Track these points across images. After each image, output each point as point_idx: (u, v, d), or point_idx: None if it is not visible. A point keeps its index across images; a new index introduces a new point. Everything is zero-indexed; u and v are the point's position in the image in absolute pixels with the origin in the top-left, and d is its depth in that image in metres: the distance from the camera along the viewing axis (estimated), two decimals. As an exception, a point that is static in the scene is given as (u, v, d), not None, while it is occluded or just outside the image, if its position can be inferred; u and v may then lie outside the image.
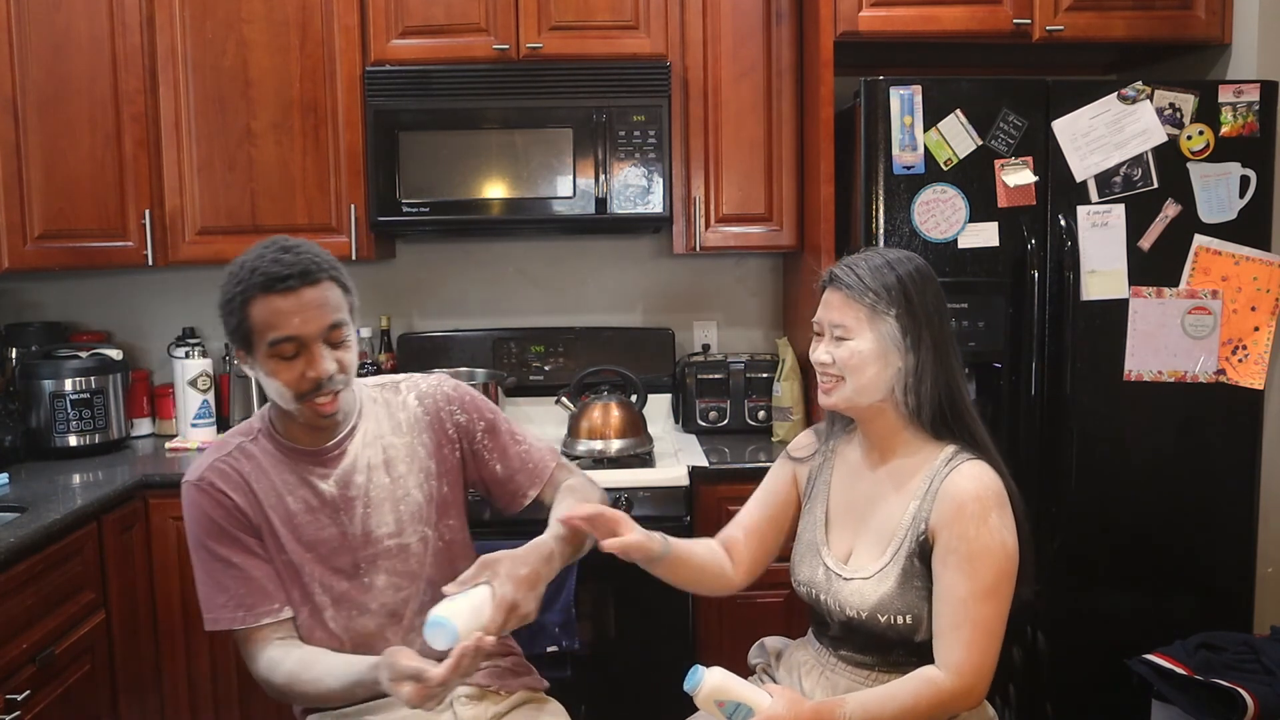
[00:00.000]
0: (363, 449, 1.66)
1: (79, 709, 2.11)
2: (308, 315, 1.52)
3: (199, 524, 1.60)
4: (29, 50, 2.57)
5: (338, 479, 1.64)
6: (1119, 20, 2.49)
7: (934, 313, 1.53)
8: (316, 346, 1.53)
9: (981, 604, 1.43)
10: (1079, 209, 2.36)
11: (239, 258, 1.58)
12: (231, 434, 1.69)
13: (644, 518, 2.40)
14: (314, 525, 1.62)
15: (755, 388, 2.84)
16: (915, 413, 1.53)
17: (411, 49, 2.67)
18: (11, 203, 2.57)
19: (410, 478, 1.68)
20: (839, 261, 1.58)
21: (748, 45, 2.70)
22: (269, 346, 1.52)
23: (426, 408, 1.72)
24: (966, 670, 1.43)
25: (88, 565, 2.18)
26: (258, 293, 1.51)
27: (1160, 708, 2.17)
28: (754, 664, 1.76)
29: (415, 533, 1.67)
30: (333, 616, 1.62)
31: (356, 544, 1.64)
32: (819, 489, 1.67)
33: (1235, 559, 2.43)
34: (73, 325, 3.04)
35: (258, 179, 2.69)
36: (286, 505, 1.61)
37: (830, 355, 1.54)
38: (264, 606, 1.59)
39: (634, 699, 2.37)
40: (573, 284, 3.10)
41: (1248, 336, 2.37)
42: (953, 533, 1.45)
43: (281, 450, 1.64)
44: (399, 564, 1.65)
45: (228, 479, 1.60)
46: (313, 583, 1.62)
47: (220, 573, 1.59)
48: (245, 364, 1.59)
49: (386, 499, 1.66)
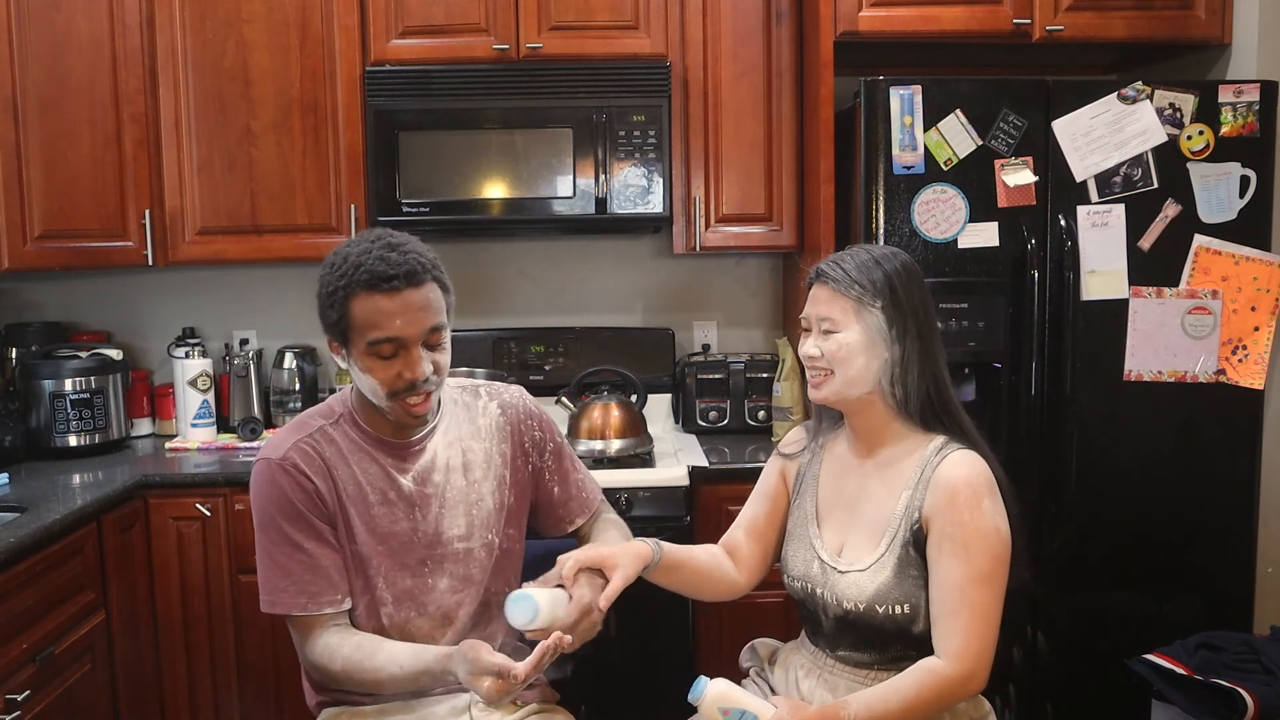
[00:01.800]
0: (443, 448, 1.66)
1: (79, 709, 2.11)
2: (410, 317, 1.52)
3: (276, 503, 1.57)
4: (29, 50, 2.57)
5: (416, 475, 1.63)
6: (1119, 20, 2.49)
7: (919, 305, 1.55)
8: (415, 349, 1.53)
9: (978, 589, 1.44)
10: (1079, 209, 2.36)
11: (340, 248, 1.56)
12: (311, 415, 1.66)
13: (644, 518, 2.42)
14: (389, 518, 1.61)
15: (755, 388, 2.84)
16: (903, 404, 1.54)
17: (411, 49, 2.67)
18: (11, 203, 2.57)
19: (485, 483, 1.68)
20: (825, 258, 1.60)
21: (748, 45, 2.70)
22: (368, 345, 1.51)
23: (509, 418, 1.73)
24: (966, 656, 1.43)
25: (88, 565, 2.18)
26: (362, 290, 1.50)
27: (1160, 708, 2.17)
28: (745, 667, 1.75)
29: (481, 539, 1.66)
30: (390, 613, 1.61)
31: (426, 542, 1.62)
32: (808, 484, 1.67)
33: (1235, 559, 2.43)
34: (73, 325, 3.04)
35: (258, 179, 2.69)
36: (365, 495, 1.60)
37: (819, 349, 1.56)
38: (328, 596, 1.57)
39: (634, 699, 2.36)
40: (573, 284, 3.10)
41: (1248, 336, 2.37)
42: (946, 519, 1.46)
43: (364, 437, 1.62)
44: (462, 568, 1.65)
45: (310, 461, 1.58)
46: (378, 576, 1.60)
47: (288, 556, 1.56)
48: (338, 355, 1.58)
49: (461, 501, 1.65)
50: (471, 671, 1.39)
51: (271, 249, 2.73)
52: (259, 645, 2.46)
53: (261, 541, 1.59)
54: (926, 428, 1.56)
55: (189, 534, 2.44)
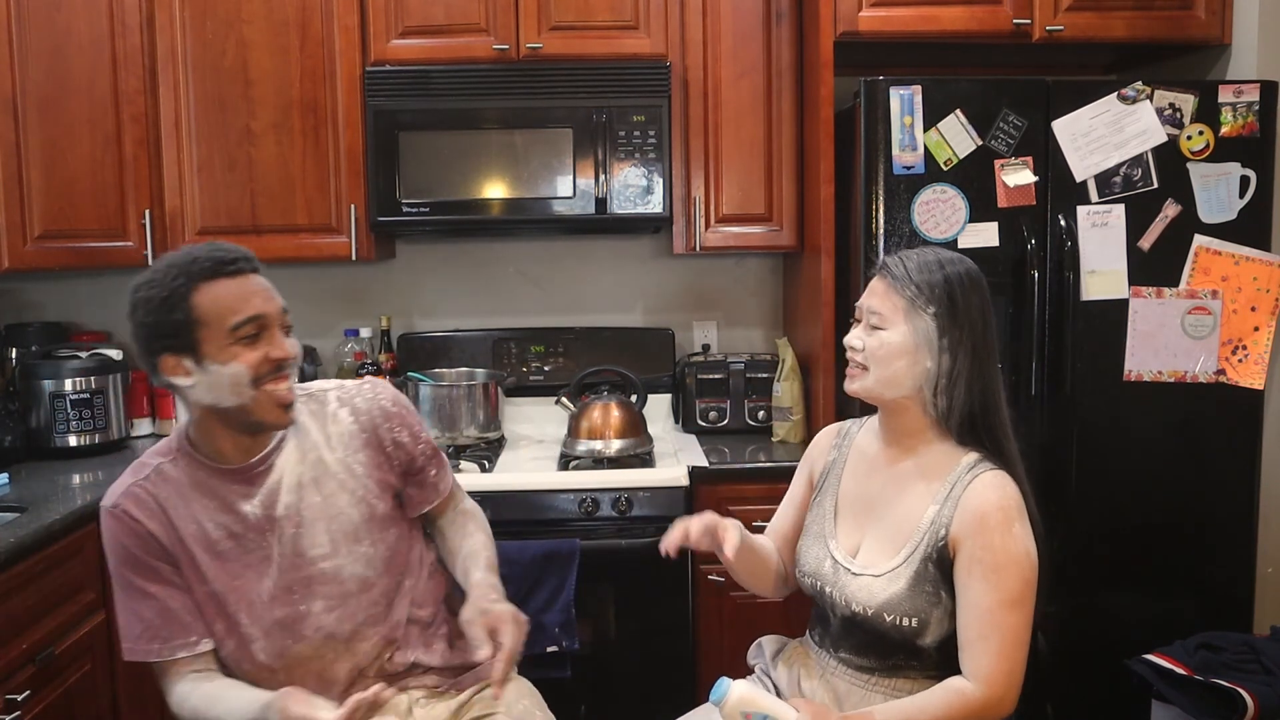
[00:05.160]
0: (292, 465, 1.58)
1: (79, 709, 2.11)
2: (264, 296, 1.50)
3: (115, 553, 1.53)
4: (29, 50, 2.57)
5: (262, 499, 1.55)
6: (1119, 20, 2.49)
7: (977, 317, 1.51)
8: (276, 328, 1.50)
9: (1008, 613, 1.43)
10: (1079, 209, 2.36)
11: (155, 265, 1.50)
12: (150, 454, 1.59)
13: (644, 518, 2.42)
14: (238, 550, 1.54)
15: (755, 388, 2.84)
16: (944, 416, 1.52)
17: (411, 49, 2.67)
18: (11, 203, 2.57)
19: (341, 496, 1.59)
20: (894, 252, 1.57)
21: (748, 45, 2.70)
22: (230, 331, 1.45)
23: (362, 425, 1.64)
24: (996, 680, 1.42)
25: (88, 565, 2.18)
26: (204, 280, 1.45)
27: (1160, 708, 2.17)
28: (752, 664, 1.75)
29: (350, 552, 1.59)
30: (263, 647, 1.55)
31: (286, 566, 1.55)
32: (830, 481, 1.66)
33: (1235, 559, 2.43)
34: (73, 325, 3.04)
35: (258, 179, 2.69)
36: (207, 533, 1.53)
37: (861, 341, 1.54)
38: (179, 639, 1.53)
39: (634, 699, 2.37)
40: (573, 284, 3.10)
41: (1248, 336, 2.37)
42: (977, 543, 1.45)
43: (202, 470, 1.55)
44: (334, 587, 1.57)
45: (143, 506, 1.52)
46: (239, 612, 1.54)
47: (137, 602, 1.52)
48: (176, 373, 1.47)
49: (319, 518, 1.57)
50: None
51: (271, 249, 2.72)
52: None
53: (115, 589, 1.56)
54: (962, 443, 1.53)
55: (189, 534, 2.44)
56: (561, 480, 2.46)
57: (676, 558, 1.53)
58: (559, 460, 2.61)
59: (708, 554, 2.45)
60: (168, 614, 1.53)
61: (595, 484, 2.43)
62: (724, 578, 2.47)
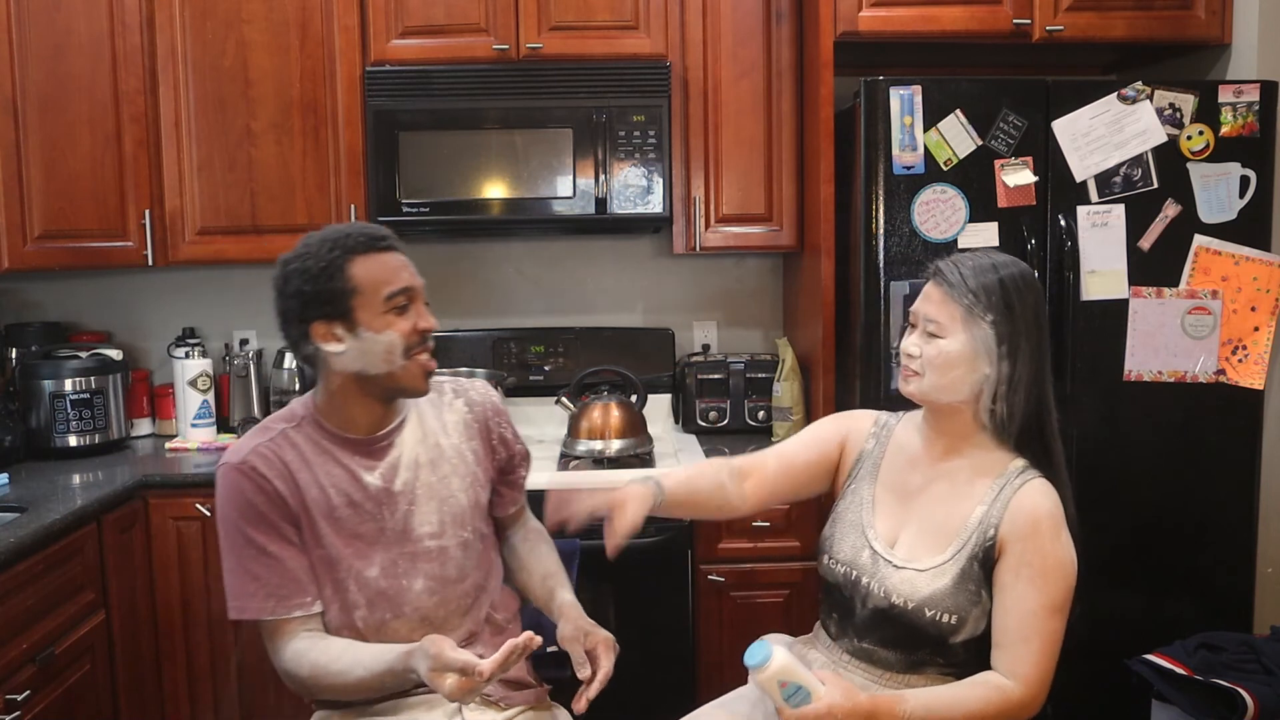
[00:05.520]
0: (411, 444, 1.65)
1: (79, 709, 2.11)
2: (411, 270, 1.59)
3: (237, 508, 1.56)
4: (29, 50, 2.57)
5: (383, 472, 1.61)
6: (1119, 20, 2.49)
7: (1034, 323, 1.51)
8: (421, 301, 1.59)
9: (1051, 618, 1.44)
10: (1079, 209, 2.36)
11: (310, 238, 1.58)
12: (274, 419, 1.65)
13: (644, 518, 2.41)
14: (354, 519, 1.59)
15: (755, 388, 2.84)
16: (1004, 423, 1.51)
17: (411, 49, 2.67)
18: (11, 203, 2.57)
19: (455, 480, 1.67)
20: (947, 257, 1.56)
21: (748, 45, 2.70)
22: (385, 300, 1.54)
23: (477, 415, 1.73)
24: (1034, 681, 1.44)
25: (88, 565, 2.18)
26: (360, 252, 1.53)
27: (1160, 708, 2.17)
28: None
29: (456, 535, 1.65)
30: (364, 616, 1.59)
31: (395, 539, 1.61)
32: (866, 469, 1.65)
33: (1235, 559, 2.43)
34: (73, 325, 3.04)
35: (258, 179, 2.69)
36: (328, 497, 1.58)
37: (918, 349, 1.53)
38: (296, 599, 1.56)
39: (634, 699, 2.36)
40: (573, 284, 3.10)
41: (1248, 336, 2.37)
42: (1027, 547, 1.45)
43: (328, 438, 1.61)
44: (437, 567, 1.63)
45: (271, 465, 1.56)
46: (348, 578, 1.58)
47: (253, 560, 1.55)
48: (328, 340, 1.55)
49: (432, 497, 1.64)
50: (433, 668, 1.36)
51: (271, 249, 2.67)
52: (259, 645, 2.44)
53: (226, 548, 1.58)
54: (1018, 450, 1.53)
55: (189, 534, 2.44)
56: (561, 480, 2.46)
57: (616, 556, 1.53)
58: (559, 460, 2.61)
59: (708, 554, 2.47)
60: (286, 573, 1.56)
61: (595, 484, 2.43)
62: (724, 578, 2.47)
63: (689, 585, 2.48)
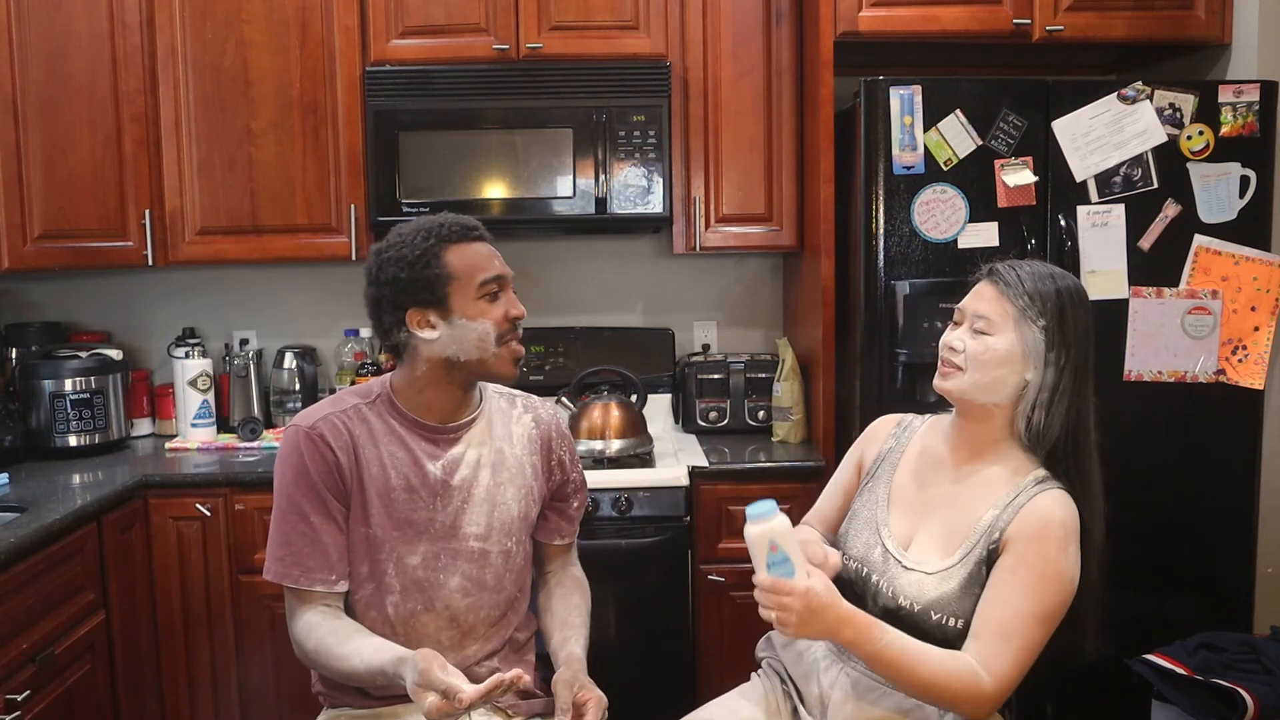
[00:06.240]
0: (477, 443, 1.66)
1: (79, 709, 2.11)
2: (501, 260, 1.63)
3: (294, 469, 1.57)
4: (29, 50, 2.57)
5: (445, 464, 1.62)
6: (1119, 20, 2.49)
7: (1084, 338, 1.50)
8: (510, 290, 1.63)
9: (1036, 626, 1.42)
10: (1079, 209, 2.36)
11: (402, 228, 1.60)
12: (349, 393, 1.66)
13: (644, 517, 2.42)
14: (408, 505, 1.60)
15: (755, 388, 2.84)
16: (1039, 433, 1.49)
17: (411, 49, 2.67)
18: (11, 203, 2.57)
19: (510, 488, 1.67)
20: (1003, 260, 1.55)
21: (748, 45, 2.70)
22: (480, 286, 1.57)
23: (542, 432, 1.75)
24: (1005, 681, 1.41)
25: (88, 565, 2.18)
26: (454, 241, 1.57)
27: (1160, 708, 2.17)
28: (760, 657, 1.74)
29: (500, 544, 1.65)
30: (396, 602, 1.60)
31: (442, 533, 1.61)
32: (884, 469, 1.65)
33: (1235, 559, 2.44)
34: (73, 325, 3.04)
35: (258, 179, 2.69)
36: (388, 478, 1.59)
37: (962, 343, 1.51)
38: (320, 574, 1.56)
39: (634, 699, 2.36)
40: (572, 284, 3.10)
41: (1248, 336, 2.37)
42: (1031, 548, 1.43)
43: (400, 420, 1.62)
44: (476, 569, 1.63)
45: (338, 436, 1.58)
46: (389, 561, 1.59)
47: (292, 526, 1.57)
48: (422, 326, 1.57)
49: (485, 500, 1.64)
50: (418, 682, 1.36)
51: (271, 249, 2.73)
52: (259, 645, 2.46)
53: (275, 507, 1.60)
54: (1048, 466, 1.51)
55: (189, 534, 2.44)
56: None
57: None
58: (559, 460, 2.61)
59: (708, 554, 2.47)
60: (318, 546, 1.57)
61: (595, 484, 2.42)
62: (724, 578, 2.47)
63: (689, 585, 2.48)
